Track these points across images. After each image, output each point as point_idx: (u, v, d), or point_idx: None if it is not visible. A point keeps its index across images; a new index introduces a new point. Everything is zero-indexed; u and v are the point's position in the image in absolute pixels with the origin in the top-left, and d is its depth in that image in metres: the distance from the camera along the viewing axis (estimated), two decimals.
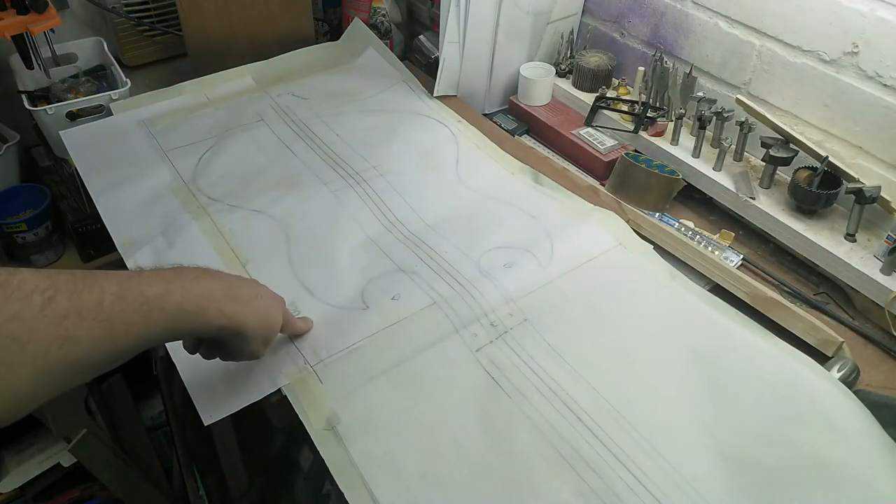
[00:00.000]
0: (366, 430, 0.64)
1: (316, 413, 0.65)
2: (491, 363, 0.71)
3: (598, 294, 0.80)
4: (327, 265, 0.83)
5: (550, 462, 0.62)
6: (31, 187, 1.15)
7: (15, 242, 1.10)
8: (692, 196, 1.00)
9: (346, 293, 0.79)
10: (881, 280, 0.81)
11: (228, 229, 0.87)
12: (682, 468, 0.62)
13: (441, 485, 0.61)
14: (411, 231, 0.88)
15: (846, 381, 0.73)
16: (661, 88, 1.05)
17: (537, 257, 0.83)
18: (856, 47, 0.84)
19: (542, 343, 0.73)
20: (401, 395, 0.67)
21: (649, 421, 0.66)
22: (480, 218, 0.90)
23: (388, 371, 0.69)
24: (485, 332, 0.74)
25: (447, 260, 0.83)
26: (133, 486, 1.39)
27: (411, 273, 0.81)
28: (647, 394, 0.69)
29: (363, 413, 0.66)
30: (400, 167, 0.99)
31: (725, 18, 0.98)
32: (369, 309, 0.76)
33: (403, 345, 0.72)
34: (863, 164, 0.88)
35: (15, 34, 0.98)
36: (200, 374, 0.69)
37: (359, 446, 0.63)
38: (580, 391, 0.69)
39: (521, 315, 0.76)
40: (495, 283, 0.79)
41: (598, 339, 0.75)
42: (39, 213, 1.09)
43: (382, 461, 0.62)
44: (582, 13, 1.20)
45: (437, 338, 0.73)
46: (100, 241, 1.15)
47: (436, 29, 1.27)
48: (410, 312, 0.76)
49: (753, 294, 0.83)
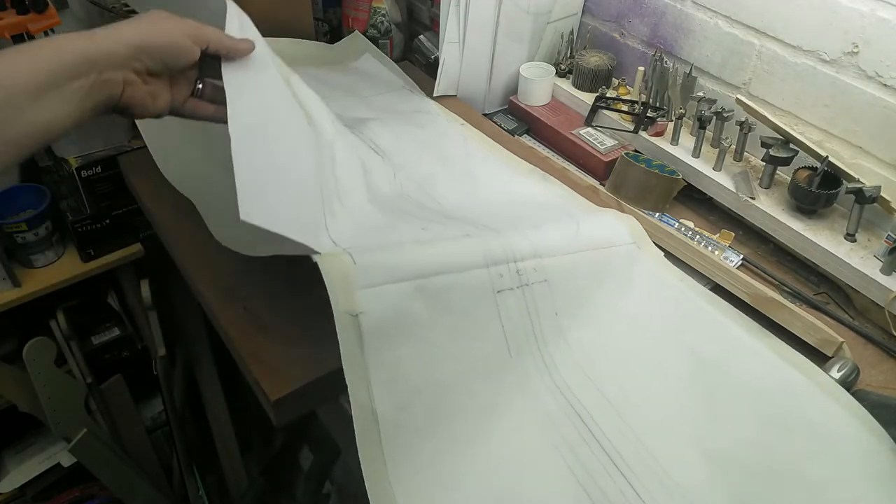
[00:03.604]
0: (383, 331, 0.63)
1: (344, 295, 0.63)
2: (505, 310, 0.70)
3: (610, 281, 0.80)
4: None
5: (536, 439, 0.64)
6: (31, 187, 1.15)
7: (15, 242, 1.10)
8: (692, 196, 1.00)
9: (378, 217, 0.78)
10: (881, 280, 0.81)
11: None
12: (663, 462, 0.63)
13: (440, 409, 0.63)
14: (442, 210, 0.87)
15: (846, 380, 0.73)
16: (661, 88, 1.05)
17: (565, 230, 0.82)
18: (856, 47, 0.84)
19: (551, 310, 0.73)
20: (421, 306, 0.66)
21: (637, 412, 0.67)
22: (502, 205, 0.90)
23: (416, 279, 0.67)
24: (509, 277, 0.73)
25: (479, 220, 0.82)
26: (133, 486, 1.39)
27: (447, 215, 0.80)
28: (639, 386, 0.70)
29: (385, 311, 0.64)
30: (410, 159, 0.96)
31: (725, 18, 0.98)
32: (406, 222, 0.76)
33: (435, 260, 0.69)
34: (863, 164, 0.88)
35: (15, 34, 0.98)
36: (254, 172, 0.63)
37: (373, 342, 0.62)
38: (573, 374, 0.69)
39: (543, 273, 0.75)
40: (527, 237, 0.77)
41: (600, 324, 0.75)
42: (39, 213, 1.09)
43: (389, 364, 0.62)
44: (582, 13, 1.20)
45: (467, 265, 0.71)
46: (100, 241, 1.16)
47: (436, 29, 1.27)
48: (445, 237, 0.74)
49: (753, 294, 0.83)
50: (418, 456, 0.62)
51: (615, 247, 0.83)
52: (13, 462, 1.39)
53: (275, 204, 0.64)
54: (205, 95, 0.67)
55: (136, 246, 1.20)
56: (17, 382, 1.21)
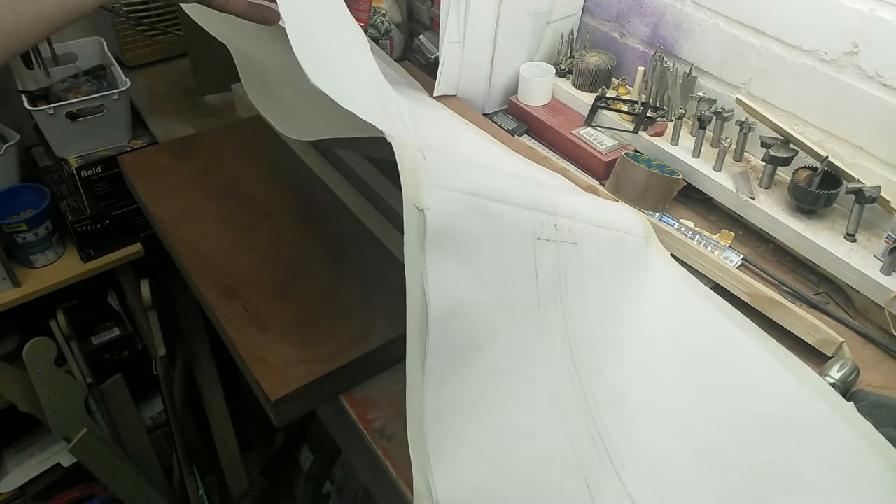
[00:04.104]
0: (442, 230, 0.62)
1: (414, 187, 0.61)
2: (541, 259, 0.70)
3: (626, 264, 0.80)
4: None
5: (547, 377, 0.66)
6: (31, 187, 1.15)
7: (15, 242, 1.10)
8: (692, 196, 1.00)
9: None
10: (881, 280, 0.81)
11: None
12: (650, 454, 0.64)
13: (468, 324, 0.63)
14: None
15: (846, 381, 0.73)
16: (661, 88, 1.05)
17: (592, 204, 0.83)
18: (856, 47, 0.84)
19: (577, 275, 0.73)
20: (474, 222, 0.65)
21: (632, 401, 0.68)
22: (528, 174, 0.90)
23: (475, 196, 0.66)
24: (550, 228, 0.72)
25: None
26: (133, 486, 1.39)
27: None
28: (636, 375, 0.70)
29: (443, 214, 0.63)
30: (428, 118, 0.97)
31: (725, 18, 0.98)
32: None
33: (491, 184, 0.69)
34: (863, 164, 0.88)
35: None
36: (316, 45, 0.64)
37: (433, 241, 0.61)
38: (583, 343, 0.70)
39: (576, 235, 0.75)
40: (564, 198, 0.77)
41: (612, 304, 0.76)
42: (39, 213, 1.09)
43: (442, 269, 0.61)
44: (582, 13, 1.20)
45: (516, 201, 0.70)
46: (100, 241, 1.16)
47: (436, 29, 1.27)
48: (500, 168, 0.74)
49: (753, 294, 0.83)
50: (451, 379, 0.62)
51: (631, 234, 0.84)
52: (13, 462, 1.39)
53: (342, 78, 0.64)
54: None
55: (136, 246, 1.20)
56: (17, 382, 1.21)
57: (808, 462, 0.64)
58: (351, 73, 0.69)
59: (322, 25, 0.69)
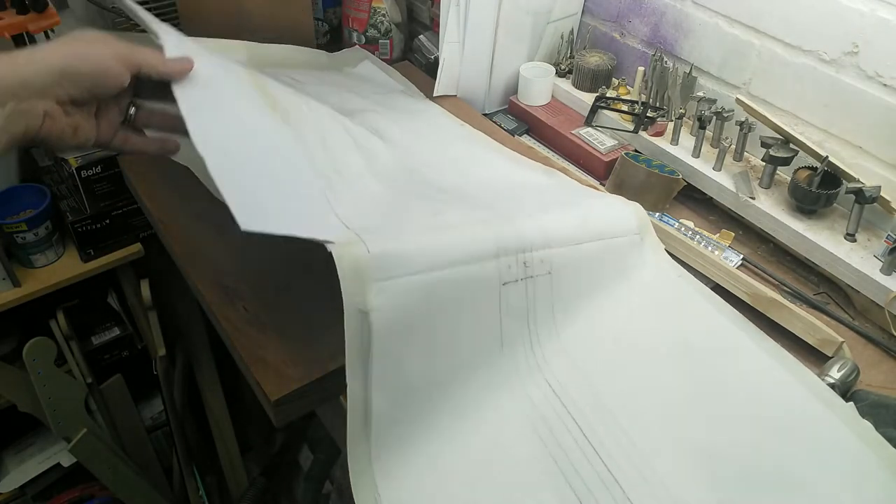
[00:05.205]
0: (392, 325, 0.62)
1: (357, 288, 0.61)
2: (507, 302, 0.70)
3: (611, 274, 0.80)
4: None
5: (520, 431, 0.65)
6: (31, 187, 1.15)
7: (15, 242, 1.10)
8: (692, 196, 1.00)
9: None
10: (881, 280, 0.81)
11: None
12: (647, 454, 0.63)
13: (430, 397, 0.63)
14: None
15: (846, 381, 0.73)
16: (661, 88, 1.05)
17: (575, 215, 0.81)
18: (856, 47, 0.84)
19: (549, 304, 0.73)
20: (431, 300, 0.65)
21: (625, 407, 0.67)
22: (513, 184, 0.90)
23: (429, 271, 0.65)
24: (517, 268, 0.72)
25: (490, 197, 0.81)
26: (133, 486, 1.39)
27: (459, 200, 0.81)
28: (628, 381, 0.70)
29: (395, 307, 0.63)
30: (411, 141, 0.96)
31: (725, 18, 0.98)
32: (418, 199, 0.77)
33: (448, 251, 0.68)
34: (863, 164, 0.88)
35: (15, 34, 0.98)
36: (239, 180, 0.61)
37: (380, 340, 0.62)
38: (563, 367, 0.70)
39: (549, 265, 0.74)
40: (538, 224, 0.76)
41: (595, 318, 0.75)
42: (39, 213, 1.09)
43: (392, 361, 0.62)
44: (582, 13, 1.20)
45: (478, 256, 0.70)
46: (100, 241, 1.16)
47: (436, 29, 1.27)
48: (459, 223, 0.73)
49: (753, 294, 0.83)
50: (407, 450, 0.62)
51: (620, 237, 0.83)
52: (13, 462, 1.39)
53: (272, 205, 0.63)
54: (137, 122, 0.64)
55: (136, 246, 1.20)
56: (17, 382, 1.21)
57: (806, 464, 0.64)
58: (282, 194, 0.67)
59: (238, 150, 0.66)
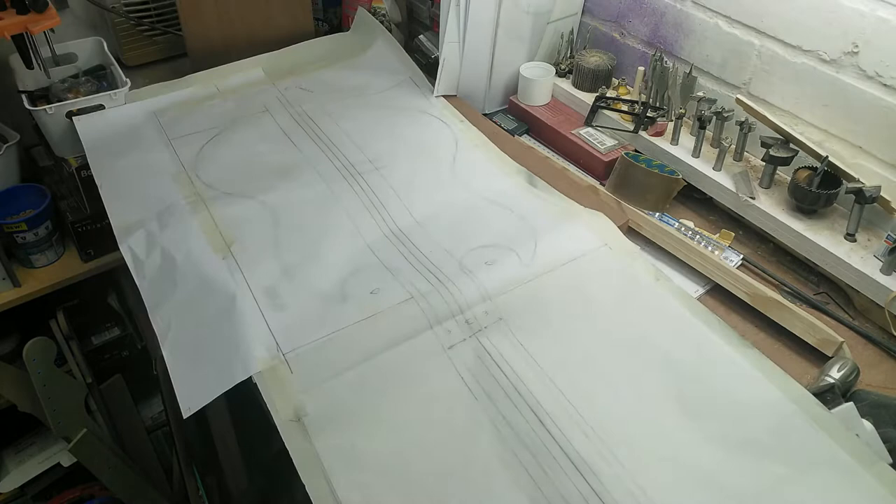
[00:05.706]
0: (332, 423, 0.65)
1: (284, 403, 0.66)
2: (461, 362, 0.71)
3: (576, 295, 0.79)
4: (312, 254, 0.83)
5: (508, 467, 0.63)
6: (31, 187, 1.15)
7: (15, 242, 1.10)
8: (692, 196, 1.00)
9: (327, 283, 0.79)
10: (881, 280, 0.81)
11: (220, 214, 0.89)
12: (638, 478, 0.62)
13: (401, 482, 0.62)
14: (399, 227, 0.88)
15: (846, 381, 0.73)
16: (661, 88, 1.05)
17: (520, 256, 0.83)
18: (856, 47, 0.84)
19: (514, 343, 0.73)
20: (369, 390, 0.68)
21: (613, 428, 0.66)
22: (469, 217, 0.90)
23: (358, 365, 0.70)
24: (459, 329, 0.74)
25: (429, 258, 0.83)
26: (133, 486, 1.39)
27: (394, 269, 0.81)
28: (615, 400, 0.69)
29: (330, 406, 0.66)
30: (396, 163, 0.99)
31: (725, 18, 0.98)
32: (347, 301, 0.77)
33: (376, 339, 0.72)
34: (863, 164, 0.88)
35: (15, 34, 0.98)
36: (183, 365, 0.71)
37: (323, 439, 0.63)
38: (547, 394, 0.69)
39: (496, 314, 0.76)
40: (475, 280, 0.79)
41: (571, 341, 0.75)
42: (39, 213, 1.09)
43: (345, 456, 0.63)
44: (582, 13, 1.20)
45: (411, 333, 0.73)
46: (100, 241, 1.16)
47: (436, 29, 1.27)
48: (387, 307, 0.76)
49: (753, 294, 0.83)
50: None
51: (580, 258, 0.83)
52: (13, 462, 1.39)
53: (201, 382, 0.69)
54: None
55: None
56: (17, 382, 1.21)
57: (789, 476, 0.63)
58: (212, 358, 0.73)
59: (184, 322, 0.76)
